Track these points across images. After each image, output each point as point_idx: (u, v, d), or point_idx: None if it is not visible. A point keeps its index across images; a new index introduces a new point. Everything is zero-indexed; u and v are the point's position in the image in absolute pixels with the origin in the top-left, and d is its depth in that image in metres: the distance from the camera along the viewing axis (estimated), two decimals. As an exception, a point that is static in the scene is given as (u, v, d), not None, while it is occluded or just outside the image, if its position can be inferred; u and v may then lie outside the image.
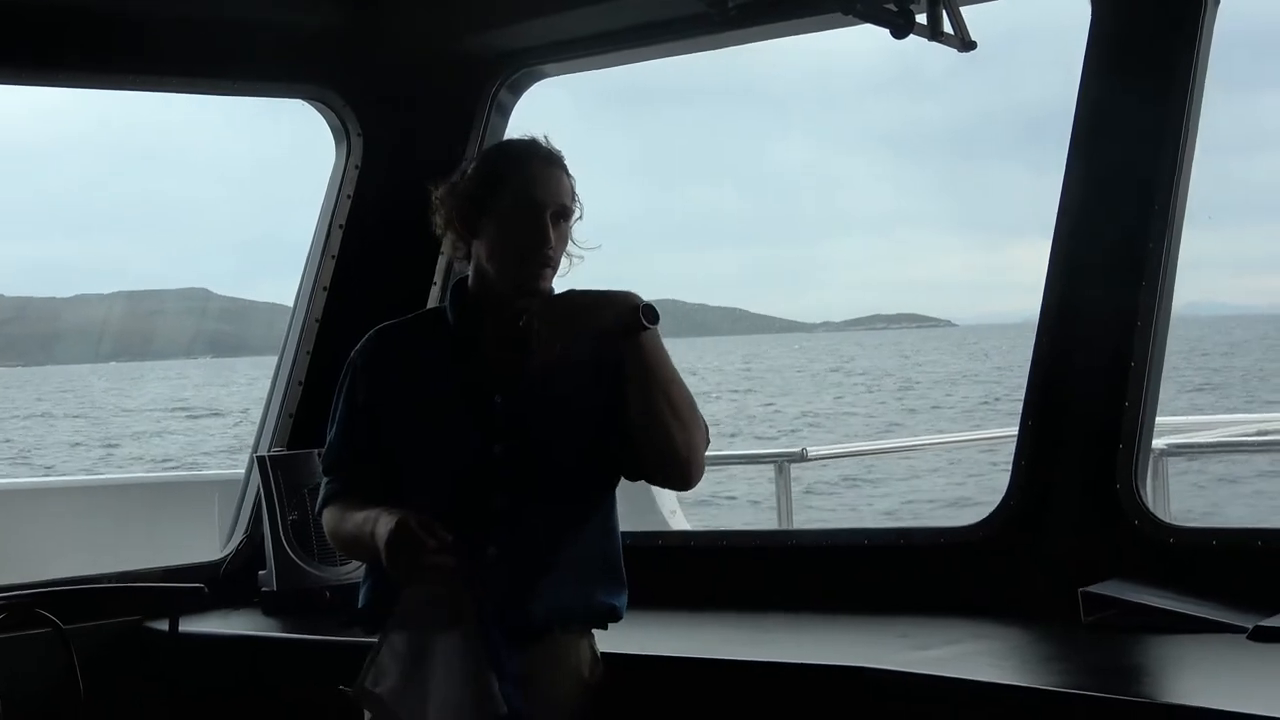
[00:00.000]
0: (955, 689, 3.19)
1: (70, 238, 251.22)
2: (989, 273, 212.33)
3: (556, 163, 3.19)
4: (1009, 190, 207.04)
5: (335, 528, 3.24)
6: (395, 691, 3.06)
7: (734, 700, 3.52)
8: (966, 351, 76.45)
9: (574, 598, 3.17)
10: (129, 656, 4.54)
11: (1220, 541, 3.83)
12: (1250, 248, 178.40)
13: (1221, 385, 45.56)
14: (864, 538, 4.43)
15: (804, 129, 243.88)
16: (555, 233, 3.14)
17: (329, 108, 5.22)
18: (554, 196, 3.15)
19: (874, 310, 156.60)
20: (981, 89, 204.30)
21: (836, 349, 78.20)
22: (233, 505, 5.33)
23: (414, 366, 3.22)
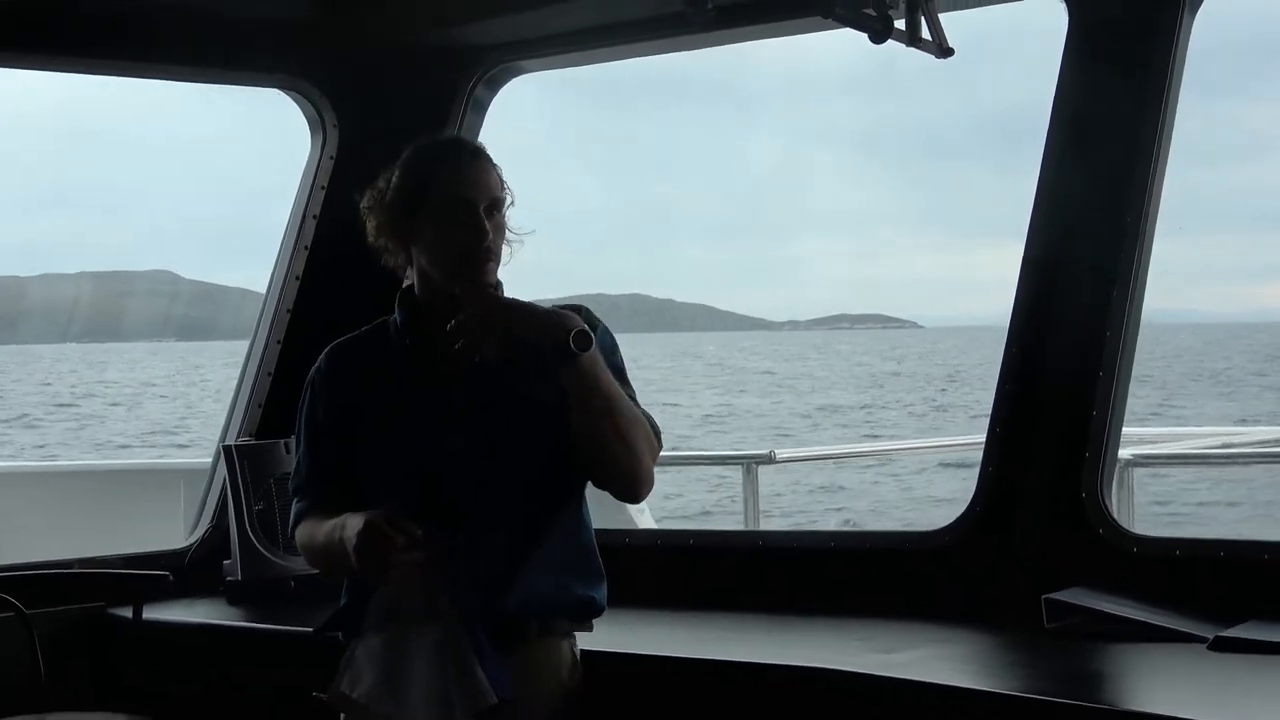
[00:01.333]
0: (917, 692, 3.21)
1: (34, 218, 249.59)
2: (956, 273, 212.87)
3: (481, 155, 3.20)
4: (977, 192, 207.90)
5: (308, 543, 3.23)
6: (372, 693, 3.05)
7: (697, 699, 3.53)
8: (899, 353, 76.46)
9: (548, 590, 3.15)
10: (92, 642, 4.54)
11: (1184, 551, 3.86)
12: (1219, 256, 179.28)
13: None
14: (830, 540, 4.45)
15: (774, 127, 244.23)
16: (491, 224, 3.13)
17: (305, 98, 5.21)
18: (484, 190, 3.14)
19: (841, 310, 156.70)
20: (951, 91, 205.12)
21: (776, 350, 77.39)
22: (198, 494, 5.32)
23: (370, 378, 3.22)
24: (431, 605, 3.03)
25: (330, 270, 5.20)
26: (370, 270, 5.12)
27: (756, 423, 39.35)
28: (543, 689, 3.13)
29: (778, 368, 64.62)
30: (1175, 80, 4.01)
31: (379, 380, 3.21)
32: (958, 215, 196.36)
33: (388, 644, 3.06)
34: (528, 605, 3.13)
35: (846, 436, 35.84)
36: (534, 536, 3.13)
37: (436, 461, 3.12)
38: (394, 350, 3.23)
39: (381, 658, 3.06)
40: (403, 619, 3.05)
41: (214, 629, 4.48)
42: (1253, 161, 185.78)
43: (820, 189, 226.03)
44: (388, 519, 2.93)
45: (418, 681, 3.02)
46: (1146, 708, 3.02)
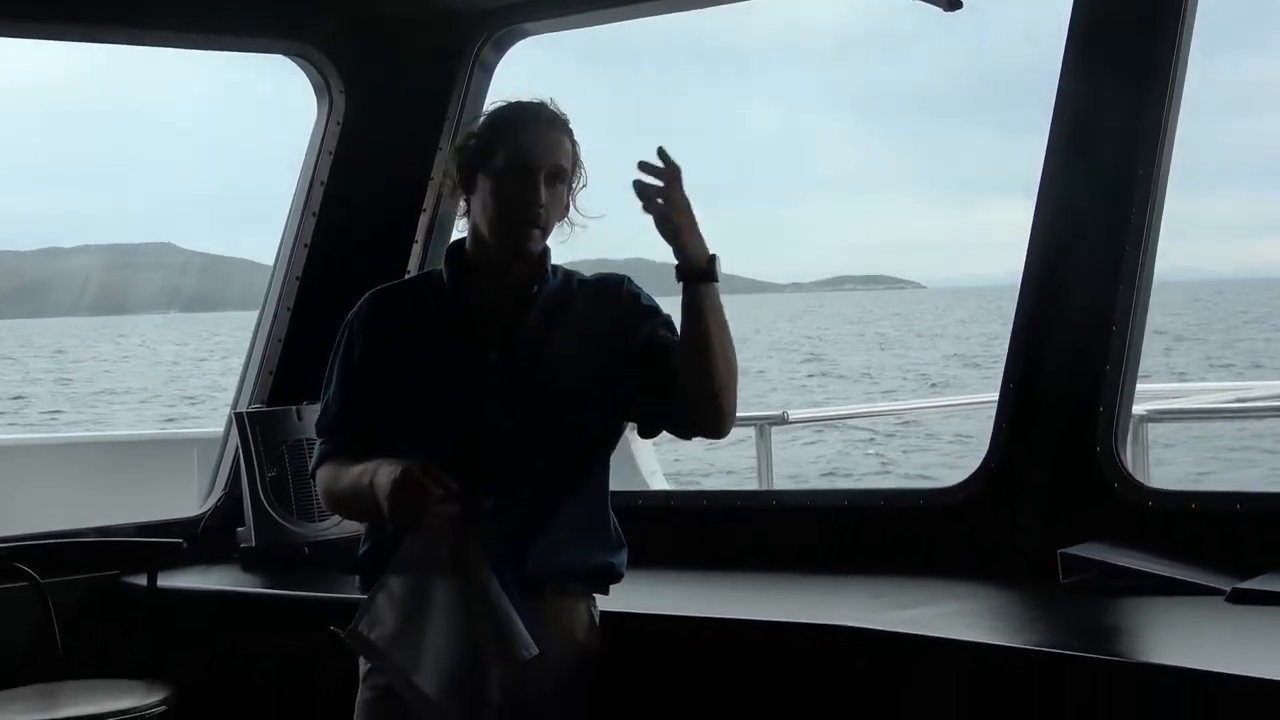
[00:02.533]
0: (933, 648, 3.20)
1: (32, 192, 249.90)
2: (960, 234, 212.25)
3: (558, 125, 3.16)
4: (979, 152, 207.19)
5: (330, 486, 3.21)
6: (391, 637, 3.05)
7: (712, 658, 3.53)
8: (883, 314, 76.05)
9: (572, 555, 3.16)
10: (106, 611, 4.55)
11: (1199, 504, 3.84)
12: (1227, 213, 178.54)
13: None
14: (844, 498, 4.44)
15: (774, 90, 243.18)
16: (548, 194, 3.11)
17: (311, 64, 5.19)
18: (548, 158, 3.12)
19: (844, 272, 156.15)
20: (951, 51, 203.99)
21: (755, 312, 76.59)
22: (211, 462, 5.32)
23: (410, 327, 3.20)
24: (460, 558, 3.02)
25: (338, 236, 5.19)
26: (378, 235, 5.15)
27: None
28: (559, 647, 3.13)
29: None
30: (1187, 28, 3.97)
31: (418, 332, 3.19)
32: (959, 176, 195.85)
33: (410, 591, 3.05)
34: (546, 567, 3.13)
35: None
36: (557, 501, 3.12)
37: (470, 422, 3.11)
38: (436, 304, 3.21)
39: (403, 604, 3.05)
40: (428, 568, 3.04)
41: (228, 596, 4.49)
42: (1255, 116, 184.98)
43: (821, 151, 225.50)
44: (424, 469, 2.93)
45: (436, 632, 3.01)
46: (1164, 660, 3.02)
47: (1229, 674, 2.78)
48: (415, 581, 3.04)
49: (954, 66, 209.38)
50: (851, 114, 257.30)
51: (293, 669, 4.11)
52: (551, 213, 3.13)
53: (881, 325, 63.19)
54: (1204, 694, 2.79)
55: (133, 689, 4.09)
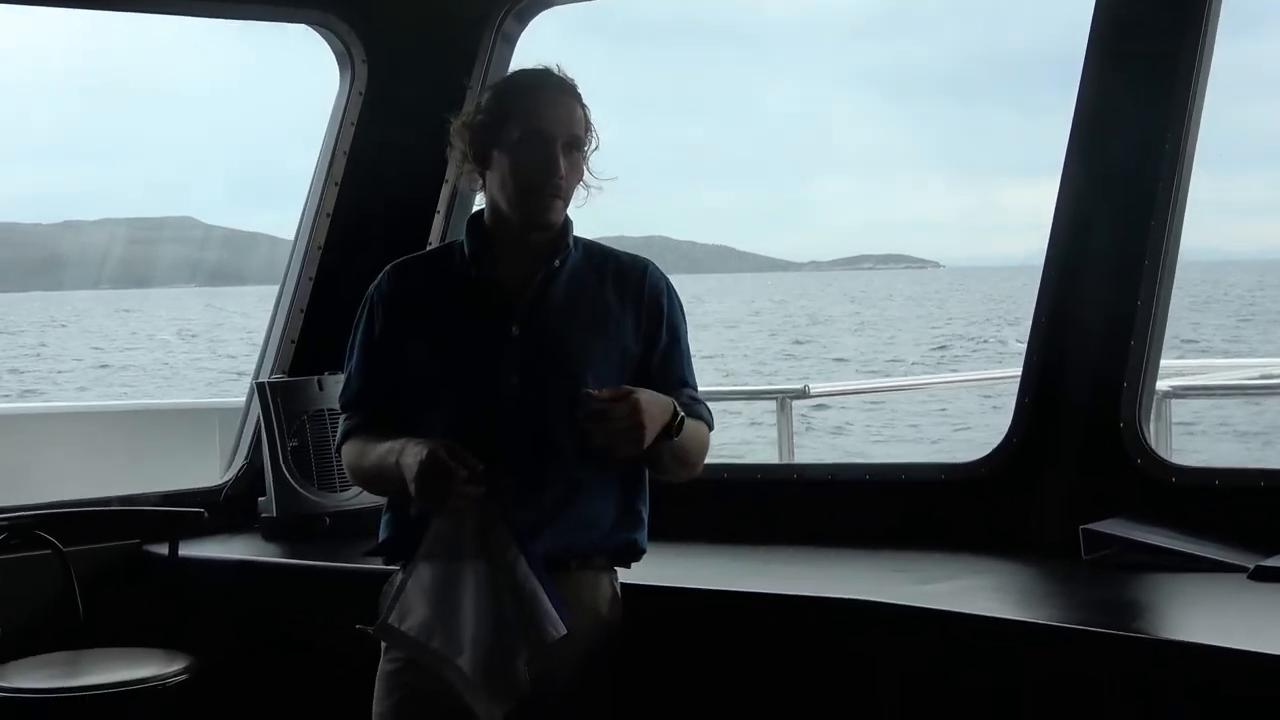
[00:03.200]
0: (954, 622, 3.20)
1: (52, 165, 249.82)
2: (979, 214, 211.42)
3: (568, 91, 3.14)
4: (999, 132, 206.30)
5: (355, 463, 3.21)
6: (423, 626, 3.05)
7: (733, 631, 3.53)
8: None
9: (595, 531, 3.14)
10: (128, 579, 4.57)
11: (1223, 481, 3.82)
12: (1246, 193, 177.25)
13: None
14: (866, 473, 4.43)
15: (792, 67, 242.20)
16: (566, 162, 3.09)
17: (333, 33, 5.18)
18: (564, 126, 3.10)
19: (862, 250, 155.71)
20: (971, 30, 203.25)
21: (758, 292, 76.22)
22: (233, 432, 5.33)
23: (431, 300, 3.19)
24: (486, 540, 3.02)
25: (360, 206, 5.19)
26: (400, 205, 5.15)
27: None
28: (583, 621, 3.13)
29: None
30: (1214, 8, 3.94)
31: (439, 305, 3.18)
32: (979, 155, 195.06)
33: (440, 576, 3.04)
34: (569, 543, 3.12)
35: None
36: (578, 476, 3.11)
37: (489, 396, 3.10)
38: (457, 277, 3.20)
39: (434, 591, 3.05)
40: (456, 551, 3.04)
41: (249, 565, 4.50)
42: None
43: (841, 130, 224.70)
44: (450, 450, 2.93)
45: (470, 616, 3.01)
46: (1186, 637, 3.01)
47: (1250, 651, 2.77)
48: (444, 566, 3.04)
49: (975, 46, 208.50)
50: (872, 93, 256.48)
51: (313, 638, 4.12)
52: (571, 181, 3.12)
53: (879, 306, 62.97)
54: (1225, 671, 2.79)
55: (153, 657, 4.11)
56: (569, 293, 3.16)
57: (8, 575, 4.25)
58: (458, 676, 3.02)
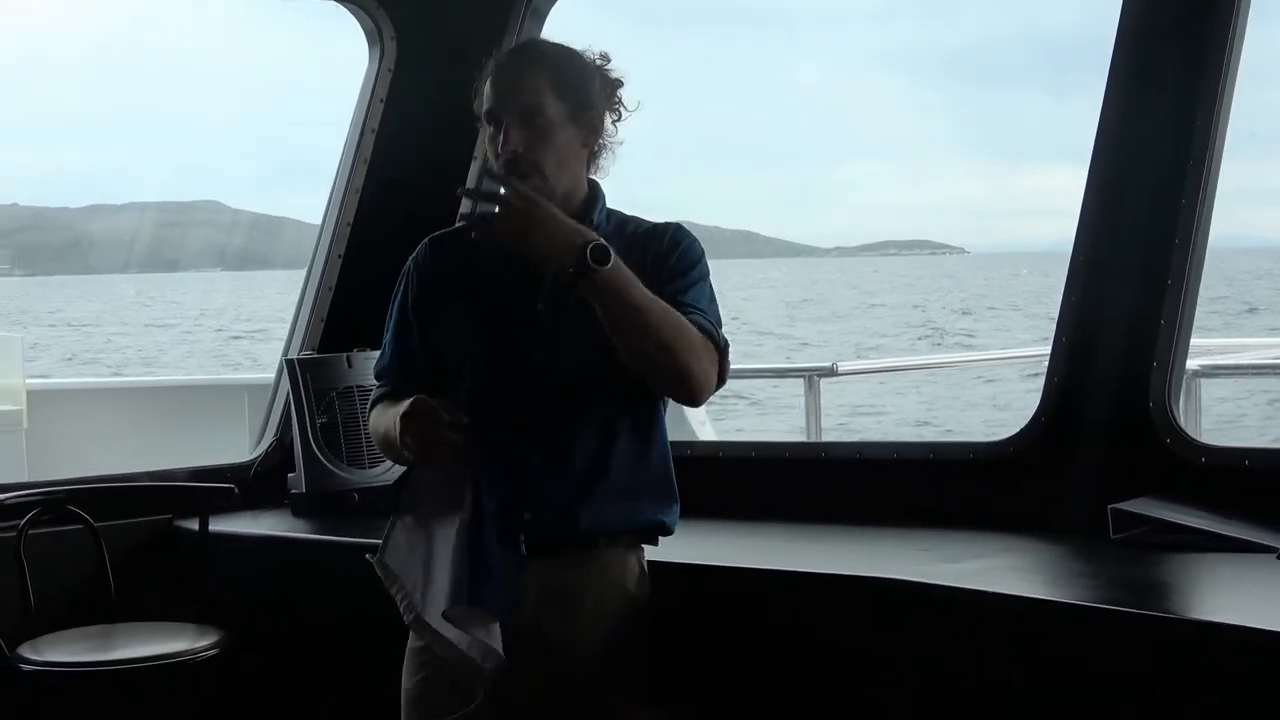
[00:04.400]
0: (982, 601, 3.20)
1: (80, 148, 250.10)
2: (1005, 199, 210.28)
3: (522, 58, 3.12)
4: (1027, 115, 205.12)
5: (375, 426, 3.23)
6: (406, 567, 3.08)
7: (760, 608, 3.53)
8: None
9: (622, 508, 3.13)
10: (159, 554, 4.60)
11: (1253, 461, 3.81)
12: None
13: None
14: (894, 451, 4.43)
15: (817, 51, 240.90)
16: (525, 135, 3.04)
17: (363, 10, 5.18)
18: (511, 98, 3.06)
19: (887, 236, 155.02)
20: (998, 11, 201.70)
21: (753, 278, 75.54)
22: (263, 408, 5.36)
23: (463, 273, 3.18)
24: (457, 497, 3.03)
25: (390, 183, 5.20)
26: (429, 182, 5.15)
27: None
28: (611, 597, 3.14)
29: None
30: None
31: (470, 279, 3.17)
32: (1006, 139, 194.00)
33: (417, 524, 3.08)
34: (598, 523, 3.12)
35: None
36: (609, 455, 3.11)
37: (516, 374, 3.11)
38: (489, 252, 3.17)
39: (412, 536, 3.09)
40: (432, 503, 3.06)
41: (278, 541, 4.53)
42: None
43: (868, 114, 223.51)
44: (439, 400, 2.95)
45: (440, 567, 3.03)
46: (1215, 617, 3.00)
47: (1279, 632, 2.76)
48: (420, 516, 3.07)
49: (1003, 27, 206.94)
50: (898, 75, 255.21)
51: (342, 614, 4.14)
52: (540, 152, 3.05)
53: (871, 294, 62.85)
54: (1254, 651, 2.78)
55: (184, 632, 4.13)
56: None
57: (40, 550, 4.28)
58: (434, 639, 3.05)
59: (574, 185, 3.14)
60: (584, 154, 3.15)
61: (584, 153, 3.15)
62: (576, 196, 3.15)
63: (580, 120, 3.10)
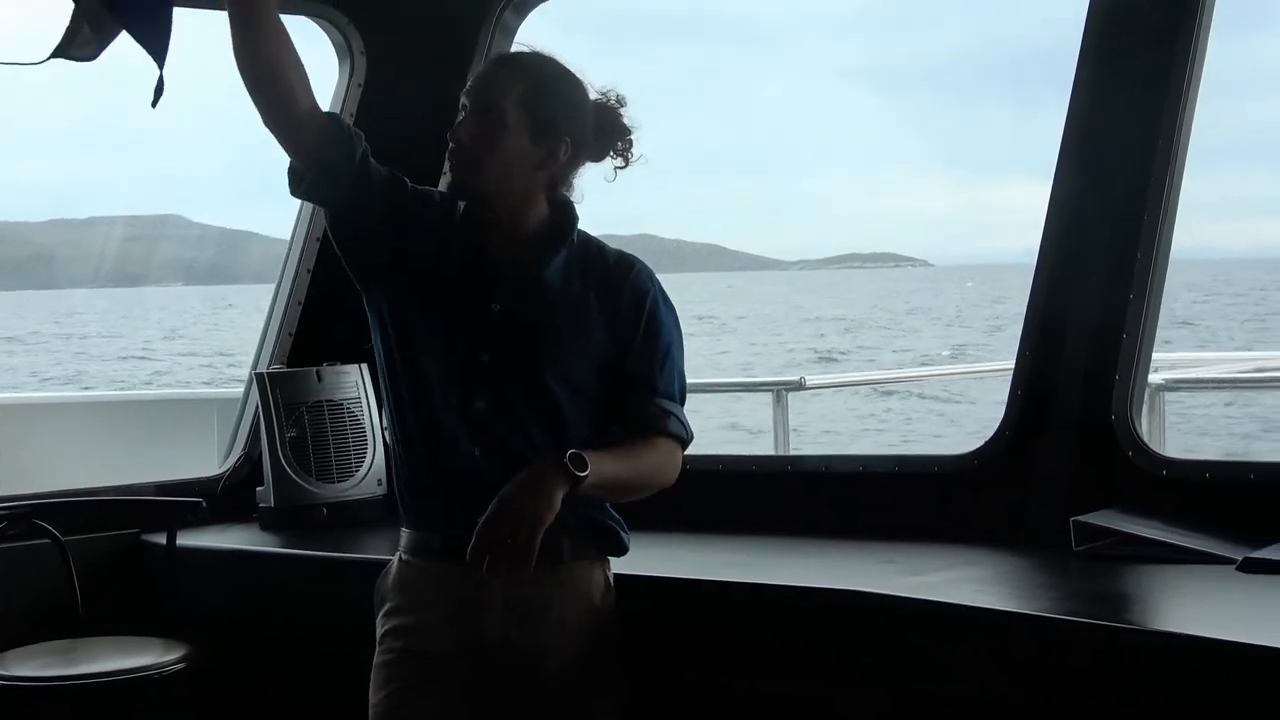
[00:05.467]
0: (945, 613, 3.22)
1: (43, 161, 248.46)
2: (969, 212, 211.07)
3: (506, 62, 3.19)
4: (991, 129, 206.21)
5: None
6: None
7: (727, 622, 3.55)
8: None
9: (572, 513, 3.09)
10: (126, 569, 4.59)
11: (1213, 474, 3.84)
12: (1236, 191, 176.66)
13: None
14: (859, 464, 4.45)
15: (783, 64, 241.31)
16: (476, 124, 3.08)
17: (332, 25, 5.19)
18: (479, 90, 3.11)
19: (851, 249, 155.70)
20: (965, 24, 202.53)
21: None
22: (230, 422, 5.35)
23: (437, 245, 3.17)
24: None
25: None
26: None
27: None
28: (578, 610, 3.16)
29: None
30: (1206, 14, 3.96)
31: (450, 251, 3.17)
32: (971, 152, 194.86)
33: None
34: (559, 524, 3.08)
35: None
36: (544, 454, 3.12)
37: (466, 370, 3.12)
38: (462, 243, 3.19)
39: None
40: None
41: (246, 555, 4.52)
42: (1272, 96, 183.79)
43: (832, 127, 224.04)
44: None
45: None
46: (1176, 628, 3.03)
47: (1239, 642, 2.79)
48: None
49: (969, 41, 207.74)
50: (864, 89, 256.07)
51: (309, 629, 4.14)
52: (482, 151, 3.08)
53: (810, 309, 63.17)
54: (1214, 662, 2.81)
55: (151, 646, 4.12)
56: (555, 284, 3.14)
57: (6, 564, 4.27)
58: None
59: (525, 202, 3.15)
60: (539, 176, 3.14)
61: (539, 175, 3.14)
62: (533, 214, 3.16)
63: (540, 140, 3.11)
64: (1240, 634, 2.84)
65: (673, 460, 3.19)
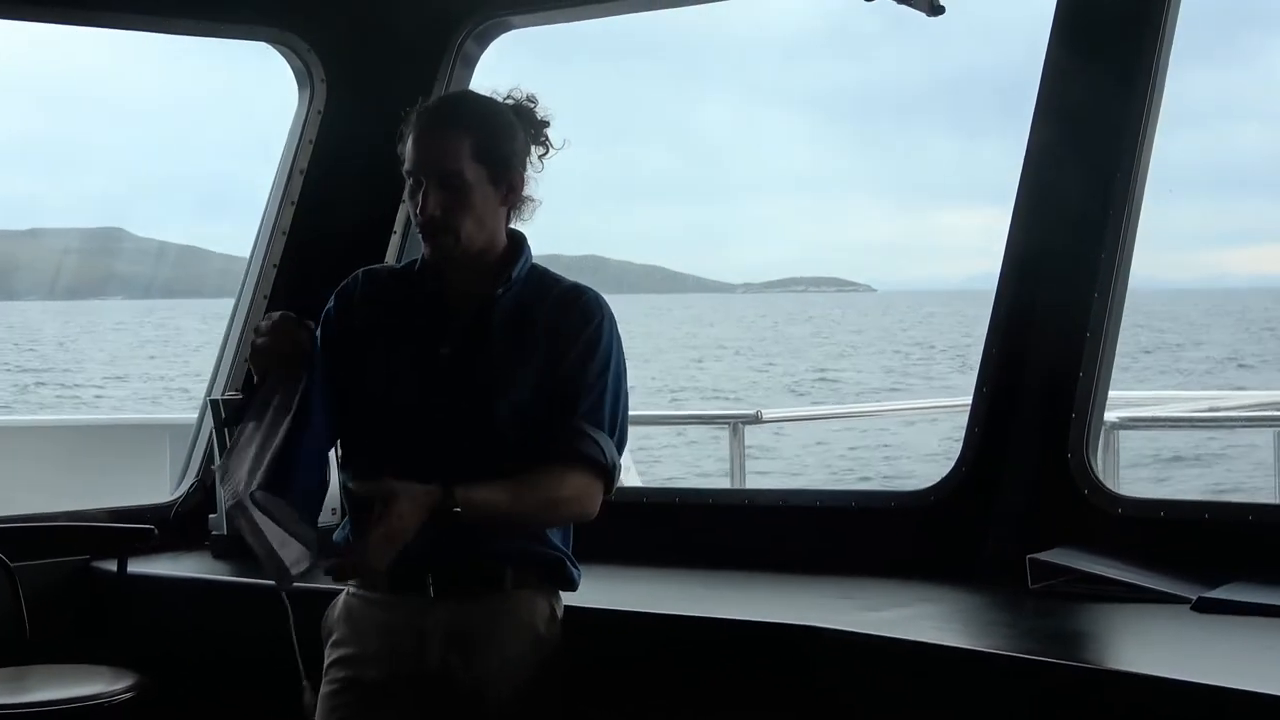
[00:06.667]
0: (900, 650, 3.22)
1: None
2: (913, 238, 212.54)
3: (443, 121, 3.13)
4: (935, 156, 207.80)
5: None
6: (237, 459, 3.07)
7: (681, 655, 3.53)
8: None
9: (514, 543, 3.14)
10: (76, 595, 4.54)
11: (1168, 513, 3.87)
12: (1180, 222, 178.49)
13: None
14: (816, 499, 4.45)
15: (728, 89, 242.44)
16: (442, 198, 3.08)
17: (293, 51, 5.19)
18: (433, 162, 3.09)
19: (794, 273, 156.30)
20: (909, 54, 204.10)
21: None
22: (184, 449, 5.31)
23: (381, 310, 3.21)
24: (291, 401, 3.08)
25: (317, 225, 5.19)
26: (357, 225, 5.15)
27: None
28: (519, 640, 3.14)
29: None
30: (1169, 33, 4.00)
31: (386, 315, 3.20)
32: (914, 179, 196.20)
33: (256, 428, 3.10)
34: (499, 550, 3.13)
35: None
36: None
37: (413, 415, 3.12)
38: (408, 294, 3.22)
39: (250, 436, 3.11)
40: (274, 410, 3.10)
41: (198, 583, 4.48)
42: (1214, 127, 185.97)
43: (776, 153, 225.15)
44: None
45: (263, 456, 3.05)
46: (1129, 667, 3.03)
47: (1192, 682, 2.80)
48: (261, 420, 3.09)
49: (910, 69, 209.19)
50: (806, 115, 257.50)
51: (261, 658, 4.10)
52: (457, 216, 3.09)
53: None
54: (1167, 701, 2.81)
55: (100, 674, 4.08)
56: (505, 320, 3.15)
57: (-46, 589, 4.22)
58: (249, 528, 3.04)
59: (491, 239, 3.18)
60: (502, 211, 3.18)
61: (502, 210, 3.18)
62: (494, 249, 3.19)
63: (499, 181, 3.14)
64: (1194, 674, 2.85)
65: (583, 490, 3.13)
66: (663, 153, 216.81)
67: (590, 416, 3.13)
